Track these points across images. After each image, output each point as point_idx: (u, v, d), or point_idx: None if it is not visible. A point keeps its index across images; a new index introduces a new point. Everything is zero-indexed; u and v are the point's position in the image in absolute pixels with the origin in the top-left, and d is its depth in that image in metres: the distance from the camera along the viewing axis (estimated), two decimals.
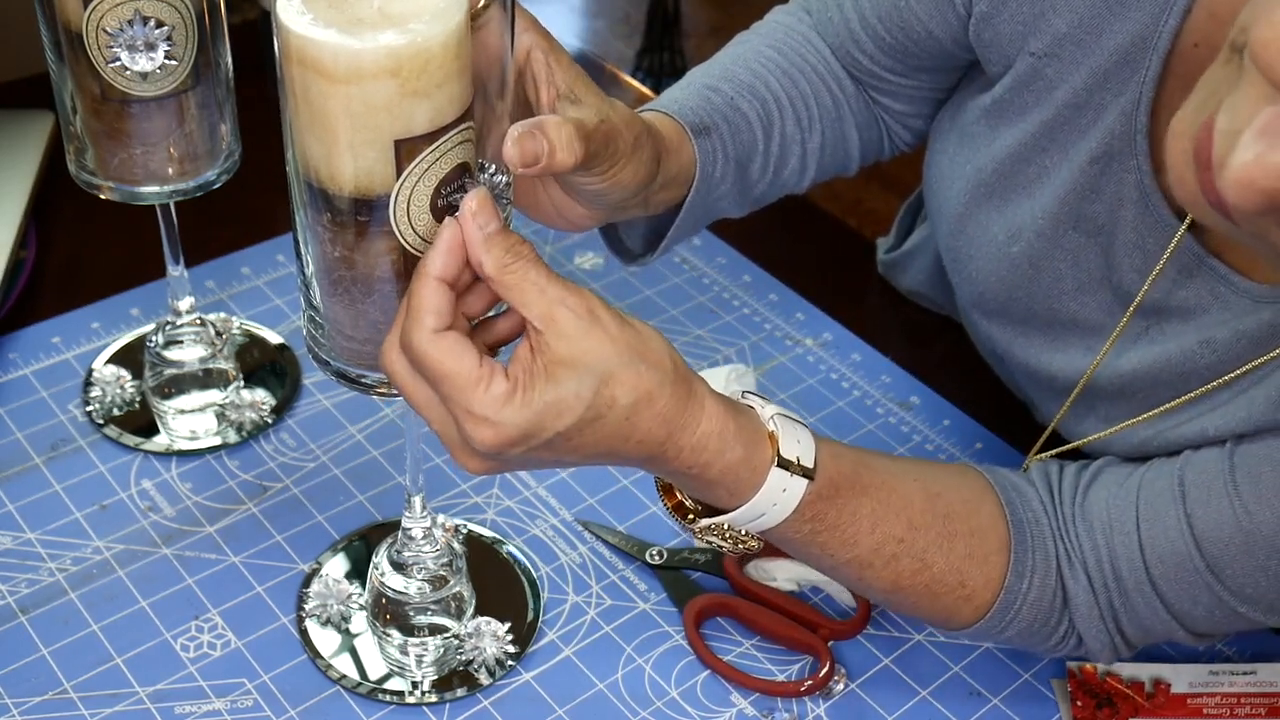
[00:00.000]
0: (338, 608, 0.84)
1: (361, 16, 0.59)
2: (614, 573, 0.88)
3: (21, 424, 0.94)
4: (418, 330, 0.62)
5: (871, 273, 1.14)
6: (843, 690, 0.82)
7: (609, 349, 0.63)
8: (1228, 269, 0.74)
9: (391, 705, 0.80)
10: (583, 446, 0.65)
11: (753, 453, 0.68)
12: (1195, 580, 0.73)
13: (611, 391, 0.63)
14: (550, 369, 0.63)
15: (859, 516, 0.72)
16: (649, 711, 0.80)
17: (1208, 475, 0.73)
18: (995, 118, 0.83)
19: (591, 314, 0.64)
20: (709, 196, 0.85)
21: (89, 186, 0.85)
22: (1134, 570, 0.74)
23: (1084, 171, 0.78)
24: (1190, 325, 0.76)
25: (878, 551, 0.73)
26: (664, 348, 0.66)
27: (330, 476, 0.92)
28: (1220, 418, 0.74)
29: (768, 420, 0.70)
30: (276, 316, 1.04)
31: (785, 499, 0.69)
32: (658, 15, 2.93)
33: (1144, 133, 0.76)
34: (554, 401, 0.63)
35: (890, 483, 0.74)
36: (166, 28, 0.78)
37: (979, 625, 0.76)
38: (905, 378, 1.02)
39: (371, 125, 0.59)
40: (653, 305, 1.07)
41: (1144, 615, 0.75)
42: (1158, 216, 0.76)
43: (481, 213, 0.62)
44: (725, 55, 0.91)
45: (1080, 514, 0.76)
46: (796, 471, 0.69)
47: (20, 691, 0.79)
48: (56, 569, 0.85)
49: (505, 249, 0.63)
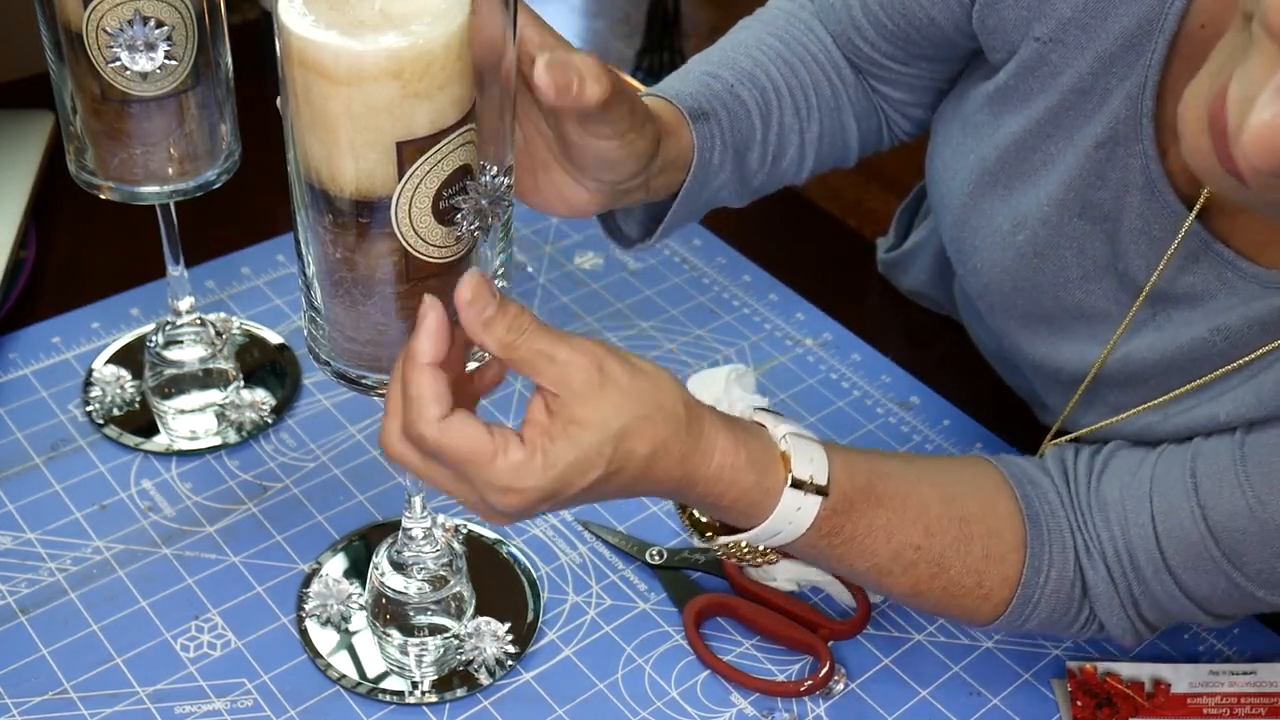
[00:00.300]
0: (338, 608, 0.84)
1: (363, 18, 0.59)
2: (614, 573, 0.88)
3: (21, 424, 0.94)
4: (423, 422, 0.63)
5: (871, 273, 1.14)
6: (843, 690, 0.82)
7: (623, 404, 0.65)
8: (1235, 254, 0.74)
9: (391, 705, 0.80)
10: (606, 493, 0.68)
11: (764, 477, 0.70)
12: (1212, 569, 0.73)
13: (630, 445, 0.66)
14: (568, 430, 0.64)
15: (875, 528, 0.74)
16: (649, 711, 0.81)
17: (1219, 466, 0.73)
18: (999, 105, 0.83)
19: (602, 371, 0.65)
20: (708, 184, 0.85)
21: (89, 186, 0.85)
22: (1151, 560, 0.75)
23: (1089, 157, 0.78)
24: (1199, 312, 0.76)
25: (896, 559, 0.75)
26: (674, 391, 0.68)
27: (330, 476, 0.92)
28: (1231, 403, 0.74)
29: (779, 440, 0.71)
30: (276, 316, 1.04)
31: (800, 517, 0.71)
32: (658, 15, 2.93)
33: (1150, 117, 0.75)
34: (576, 461, 0.65)
35: (905, 490, 0.75)
36: (166, 28, 0.78)
37: (1000, 620, 0.77)
38: (905, 378, 1.02)
39: (373, 127, 0.59)
40: (653, 305, 1.07)
41: (1163, 601, 0.76)
42: (1164, 202, 0.76)
43: (477, 300, 0.63)
44: (727, 41, 0.91)
45: (1095, 502, 0.77)
46: (810, 490, 0.71)
47: (20, 691, 0.79)
48: (56, 569, 0.85)
49: (507, 328, 0.64)
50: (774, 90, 0.88)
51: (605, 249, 1.11)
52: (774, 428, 0.72)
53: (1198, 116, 0.60)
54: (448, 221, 0.63)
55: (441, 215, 0.63)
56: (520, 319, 0.64)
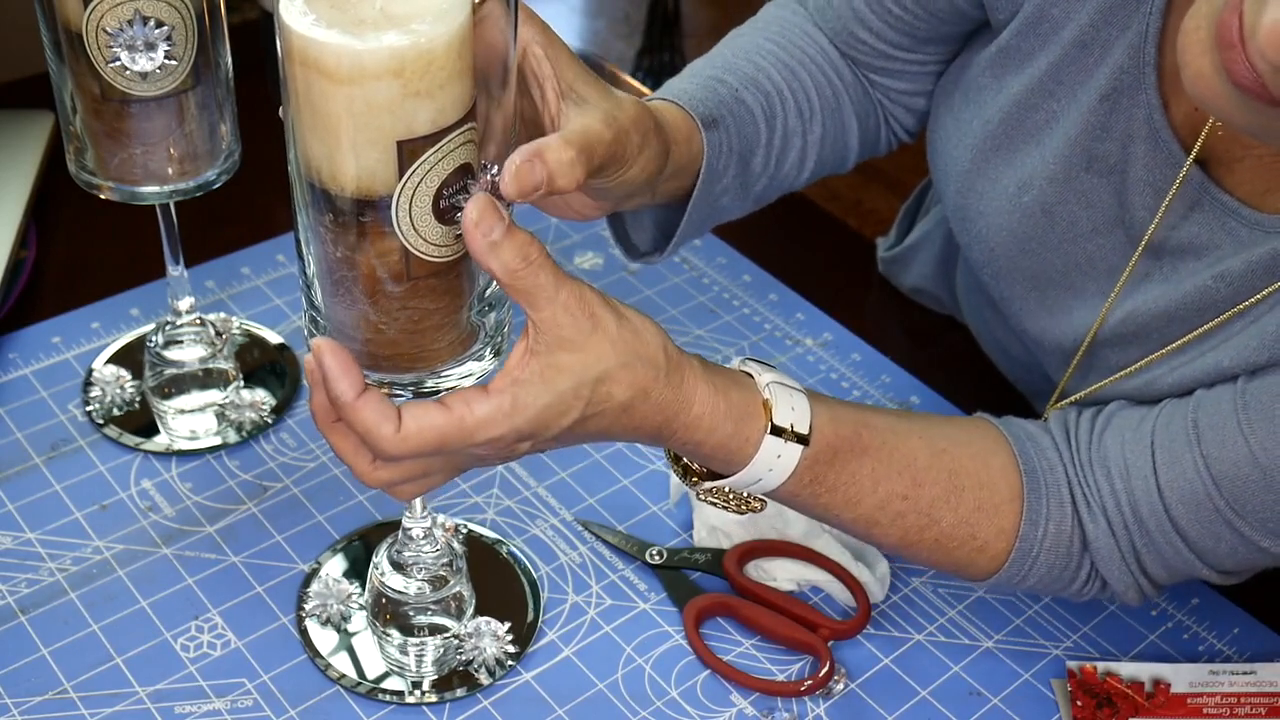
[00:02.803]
0: (338, 607, 0.84)
1: (364, 17, 0.59)
2: (614, 573, 0.88)
3: (21, 424, 0.94)
4: (384, 445, 0.63)
5: (871, 273, 1.14)
6: (843, 690, 0.82)
7: (606, 352, 0.66)
8: (1237, 202, 0.74)
9: (391, 705, 0.80)
10: (587, 435, 0.68)
11: (742, 426, 0.70)
12: (1216, 519, 0.73)
13: (608, 389, 0.66)
14: (545, 374, 0.65)
15: (860, 477, 0.74)
16: (649, 711, 0.81)
17: (1220, 416, 0.73)
18: (1000, 67, 0.83)
19: (593, 318, 0.65)
20: (713, 189, 0.85)
21: (89, 186, 0.85)
22: (1155, 513, 0.74)
23: (1093, 111, 0.78)
24: (1203, 261, 0.76)
25: (882, 509, 0.75)
26: (658, 340, 0.68)
27: (330, 476, 0.92)
28: (1234, 349, 0.74)
29: (763, 388, 0.72)
30: (276, 316, 1.04)
31: (780, 464, 0.71)
32: (658, 15, 2.93)
33: (1152, 65, 0.76)
34: (550, 404, 0.65)
35: (892, 442, 0.75)
36: (166, 28, 0.78)
37: (998, 575, 0.77)
38: (905, 378, 1.02)
39: (374, 126, 0.59)
40: (653, 305, 1.07)
41: (1168, 556, 0.75)
42: (1168, 152, 0.76)
43: (484, 221, 0.62)
44: (724, 48, 0.91)
45: (1096, 458, 0.76)
46: (790, 438, 0.71)
47: (20, 691, 0.79)
48: (56, 569, 0.85)
49: (514, 253, 0.63)
50: (777, 94, 0.88)
51: (605, 249, 1.11)
52: (759, 375, 0.72)
53: (1200, 38, 0.61)
54: (448, 220, 0.63)
55: (442, 214, 0.63)
56: (529, 248, 0.63)
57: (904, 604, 0.87)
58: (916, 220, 1.14)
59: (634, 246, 0.89)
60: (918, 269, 1.09)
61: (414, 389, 0.68)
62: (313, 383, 0.65)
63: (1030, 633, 0.86)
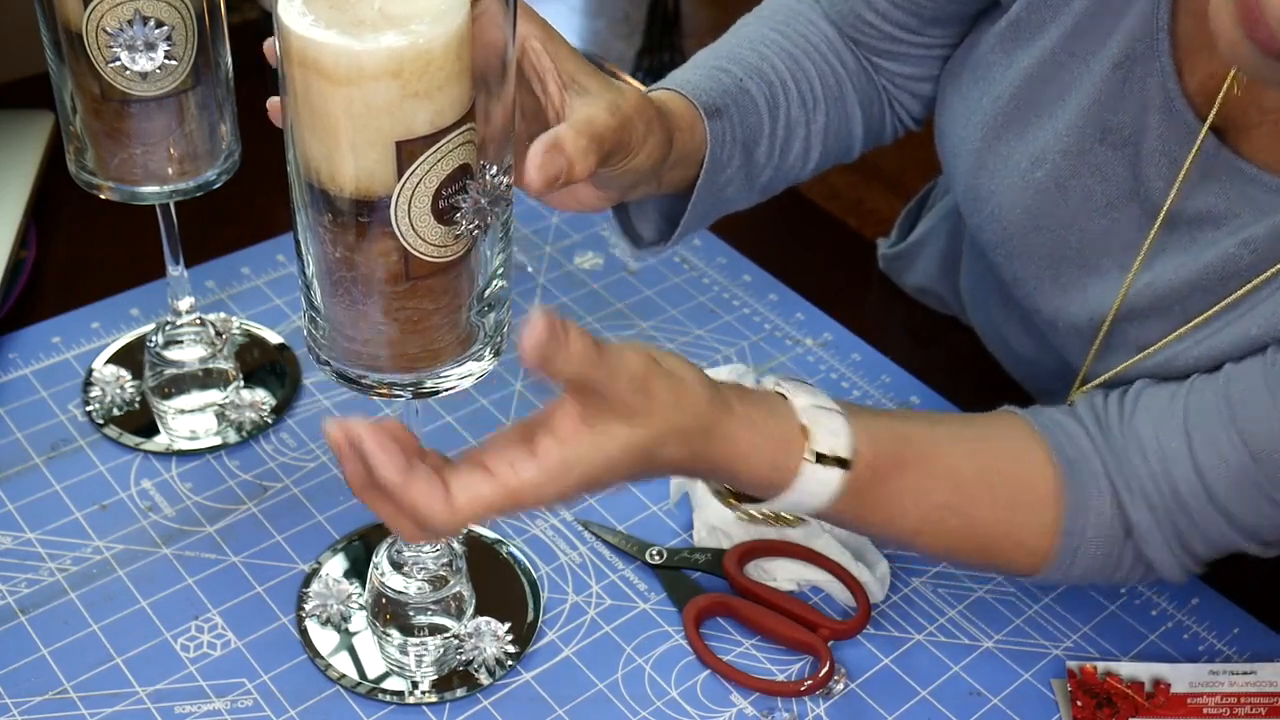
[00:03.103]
0: (338, 608, 0.84)
1: (363, 18, 0.59)
2: (614, 573, 0.88)
3: (21, 424, 0.94)
4: (434, 522, 0.63)
5: (872, 273, 1.14)
6: (843, 690, 0.82)
7: (659, 422, 0.65)
8: (1256, 168, 0.74)
9: (391, 705, 0.80)
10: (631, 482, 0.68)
11: (780, 457, 0.70)
12: (1257, 495, 0.73)
13: (662, 452, 0.66)
14: (598, 440, 0.64)
15: (902, 493, 0.73)
16: (649, 711, 0.81)
17: (1253, 390, 0.72)
18: (1011, 41, 0.83)
19: (646, 392, 0.65)
20: (717, 179, 0.85)
21: (89, 186, 0.85)
22: (1194, 493, 0.74)
23: (1107, 80, 0.78)
24: (1222, 230, 0.76)
25: (925, 520, 0.75)
26: (703, 393, 0.68)
27: (330, 476, 0.92)
28: (1262, 316, 0.74)
29: (800, 413, 0.71)
30: (276, 316, 1.04)
31: (821, 489, 0.71)
32: (658, 15, 2.93)
33: (1165, 30, 0.75)
34: (604, 466, 0.65)
35: (931, 452, 0.74)
36: (166, 28, 0.78)
37: (1045, 571, 0.77)
38: (905, 378, 1.02)
39: (372, 126, 0.59)
40: (653, 305, 1.07)
41: (1210, 533, 0.75)
42: (1183, 120, 0.75)
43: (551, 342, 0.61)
44: (730, 38, 0.91)
45: (1131, 442, 0.76)
46: (831, 464, 0.70)
47: (20, 691, 0.79)
48: (56, 569, 0.85)
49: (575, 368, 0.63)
50: (780, 84, 0.88)
51: (605, 249, 1.11)
52: (794, 398, 0.72)
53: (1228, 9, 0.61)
54: (447, 221, 0.63)
55: (441, 215, 0.63)
56: (586, 354, 0.63)
57: (904, 604, 0.87)
58: (917, 222, 1.13)
59: (639, 237, 0.89)
60: (921, 267, 1.09)
61: (414, 389, 0.68)
62: (342, 457, 0.64)
63: (1030, 633, 0.86)
